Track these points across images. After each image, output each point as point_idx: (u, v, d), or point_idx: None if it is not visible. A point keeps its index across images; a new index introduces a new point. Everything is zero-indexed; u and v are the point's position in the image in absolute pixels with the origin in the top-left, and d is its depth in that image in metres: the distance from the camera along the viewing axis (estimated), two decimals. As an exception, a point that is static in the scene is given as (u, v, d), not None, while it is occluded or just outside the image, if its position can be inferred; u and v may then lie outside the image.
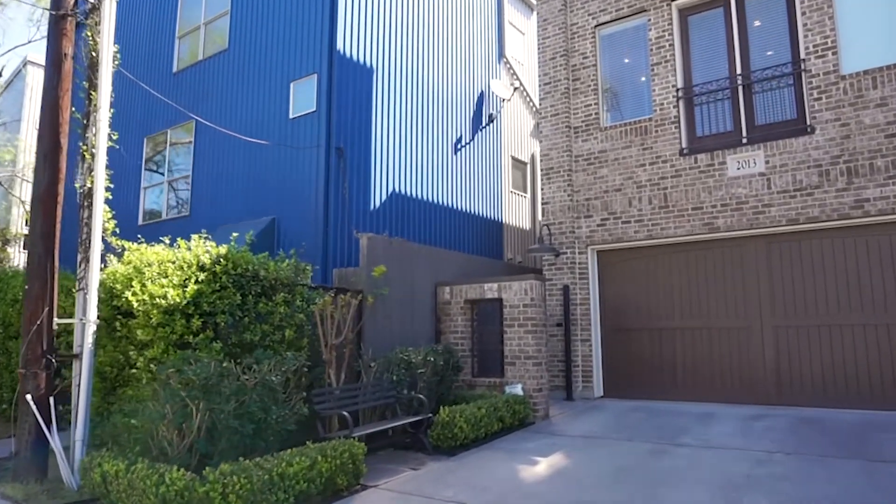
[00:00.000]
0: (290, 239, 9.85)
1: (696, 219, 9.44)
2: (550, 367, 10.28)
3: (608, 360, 10.25)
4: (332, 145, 9.59)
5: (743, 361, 9.05)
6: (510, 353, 8.70)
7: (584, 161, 10.64)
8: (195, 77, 12.27)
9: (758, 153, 9.07)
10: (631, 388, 9.95)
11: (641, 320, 9.97)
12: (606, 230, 10.22)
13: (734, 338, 9.16)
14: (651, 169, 9.95)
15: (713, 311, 9.36)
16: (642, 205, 9.94)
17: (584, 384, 10.14)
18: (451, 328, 9.38)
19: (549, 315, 10.42)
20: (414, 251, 9.27)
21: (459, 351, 9.20)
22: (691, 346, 9.50)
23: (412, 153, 11.22)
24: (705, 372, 9.34)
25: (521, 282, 8.71)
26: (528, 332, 8.56)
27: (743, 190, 9.10)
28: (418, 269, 9.29)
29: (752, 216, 8.99)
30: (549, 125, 10.98)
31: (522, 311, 8.65)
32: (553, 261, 10.54)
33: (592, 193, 10.46)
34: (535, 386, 8.43)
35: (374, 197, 10.27)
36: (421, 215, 11.27)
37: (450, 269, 9.97)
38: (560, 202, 10.64)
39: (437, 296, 9.57)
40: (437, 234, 11.61)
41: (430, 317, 9.42)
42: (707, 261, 9.51)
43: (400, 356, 7.61)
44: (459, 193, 12.35)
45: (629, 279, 10.18)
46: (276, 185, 10.28)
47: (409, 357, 7.60)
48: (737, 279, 9.22)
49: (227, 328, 6.33)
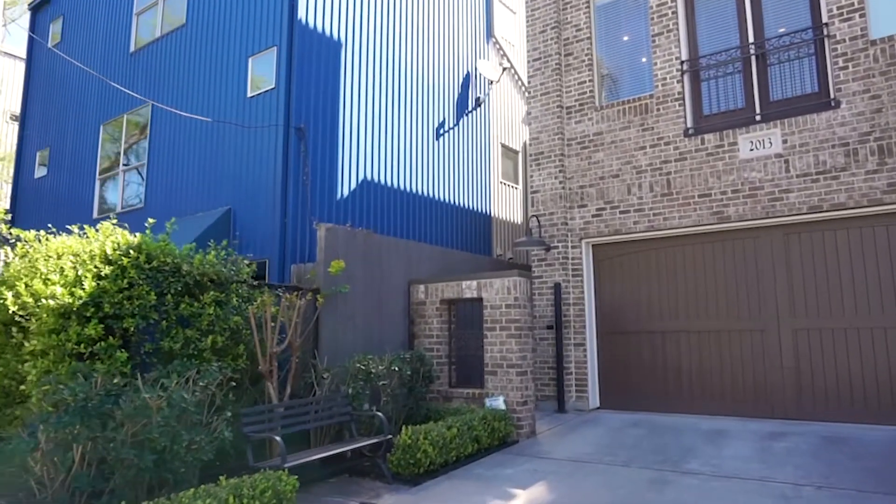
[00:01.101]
0: (247, 231, 8.79)
1: (703, 207, 8.32)
2: (540, 374, 9.19)
3: (605, 367, 9.15)
4: (292, 125, 8.50)
5: (758, 369, 7.94)
6: (491, 361, 7.60)
7: (577, 144, 9.53)
8: (153, 57, 11.20)
9: (774, 132, 7.95)
10: (630, 398, 8.84)
11: (642, 322, 8.86)
12: (602, 221, 9.11)
13: (747, 342, 8.04)
14: (652, 152, 8.84)
15: (723, 311, 8.24)
16: (642, 192, 8.83)
17: (578, 394, 9.03)
18: (425, 332, 8.28)
19: (539, 316, 9.32)
20: (384, 245, 8.18)
21: (435, 358, 8.10)
22: (698, 351, 8.38)
23: (387, 137, 10.12)
24: (715, 381, 8.23)
25: (504, 279, 7.61)
26: (510, 337, 7.46)
27: (757, 174, 7.99)
28: (389, 265, 8.20)
29: (767, 203, 7.87)
30: (538, 105, 9.87)
31: (504, 313, 7.55)
32: (543, 256, 9.44)
33: (587, 180, 9.36)
34: (519, 398, 7.33)
35: (342, 184, 9.18)
36: (397, 206, 10.18)
37: (428, 266, 8.88)
38: (551, 190, 9.54)
39: (411, 295, 8.48)
40: (416, 227, 10.51)
41: (402, 319, 8.33)
42: (716, 255, 8.39)
43: (357, 366, 6.51)
44: (442, 183, 11.25)
45: (628, 276, 9.07)
46: (232, 172, 9.21)
47: (368, 366, 6.51)
48: (750, 275, 8.10)
49: (140, 334, 5.25)
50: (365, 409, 6.53)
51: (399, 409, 7.11)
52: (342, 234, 7.56)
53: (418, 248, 8.82)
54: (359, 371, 6.46)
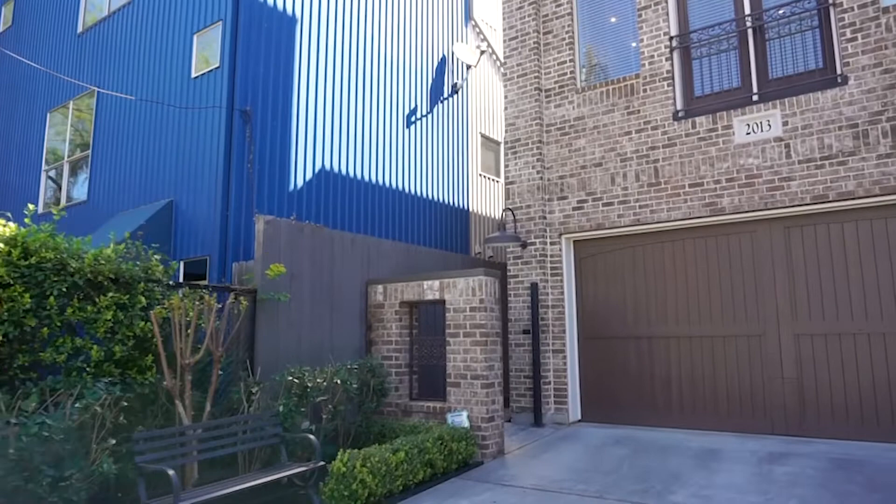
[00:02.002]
0: (189, 226, 7.91)
1: (694, 198, 7.45)
2: (516, 383, 8.31)
3: (587, 376, 8.27)
4: (236, 107, 7.62)
5: (755, 380, 7.06)
6: (454, 371, 6.72)
7: (556, 130, 8.66)
8: (100, 37, 10.32)
9: (773, 113, 7.08)
10: (614, 410, 7.97)
11: (628, 326, 7.99)
12: (584, 214, 8.24)
13: (744, 349, 7.17)
14: (638, 137, 7.97)
15: (717, 315, 7.37)
16: (627, 182, 7.96)
17: (557, 406, 8.15)
18: (383, 338, 7.40)
19: (515, 320, 8.45)
20: (338, 240, 7.30)
21: (393, 367, 7.23)
22: (689, 358, 7.51)
23: (350, 124, 9.25)
24: (708, 392, 7.35)
25: (468, 279, 6.73)
26: (475, 344, 6.59)
27: (754, 160, 7.12)
28: (344, 264, 7.32)
29: (766, 193, 7.00)
30: (514, 88, 9.00)
31: (469, 317, 6.67)
32: (519, 253, 8.56)
33: (567, 170, 8.49)
34: (485, 414, 6.45)
35: (296, 174, 8.30)
36: (361, 199, 9.30)
37: (390, 264, 8.01)
38: (528, 181, 8.66)
39: (369, 297, 7.60)
40: (383, 222, 9.64)
41: (358, 323, 7.45)
42: (709, 251, 7.52)
43: (291, 379, 5.63)
44: (414, 175, 10.37)
45: (612, 275, 8.20)
46: (174, 161, 8.33)
47: (304, 379, 5.62)
48: (747, 274, 7.23)
49: (12, 344, 4.37)
50: (304, 429, 5.66)
51: (346, 427, 6.24)
52: (286, 228, 6.68)
53: (379, 244, 7.94)
54: (293, 385, 5.57)
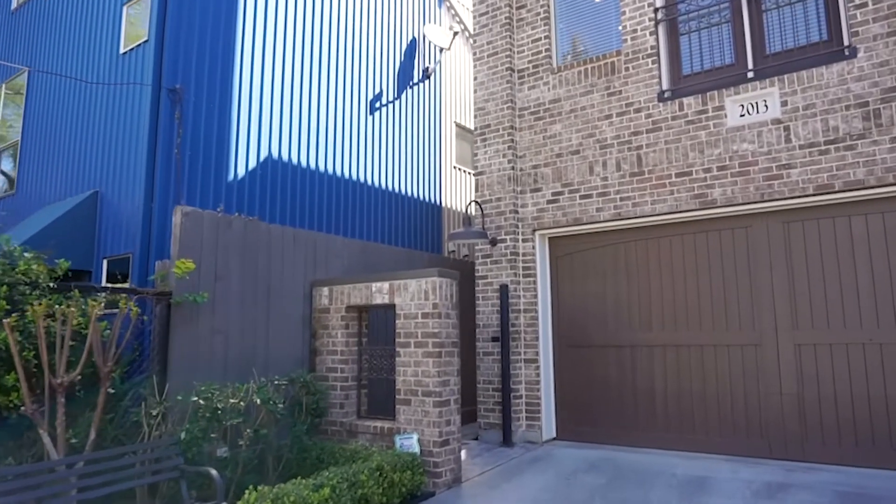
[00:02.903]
0: (114, 220, 7.01)
1: (682, 189, 6.58)
2: (484, 397, 7.43)
3: (562, 389, 7.40)
4: (164, 85, 6.72)
5: (751, 395, 6.20)
6: (404, 387, 5.83)
7: (530, 115, 7.79)
8: (33, 14, 9.41)
9: (770, 92, 6.22)
10: (593, 428, 7.09)
11: (608, 333, 7.11)
12: (560, 208, 7.37)
13: (738, 360, 6.30)
14: (619, 121, 7.10)
15: (708, 321, 6.50)
16: (607, 171, 7.09)
17: (529, 422, 7.27)
18: (328, 347, 6.51)
19: (483, 326, 7.57)
20: (277, 236, 6.41)
21: (339, 381, 6.33)
22: (676, 370, 6.64)
23: (303, 107, 8.36)
24: (697, 408, 6.48)
25: (420, 280, 5.84)
26: (427, 356, 5.70)
27: (749, 145, 6.26)
28: (285, 262, 6.43)
29: (762, 183, 6.14)
30: (485, 69, 8.12)
31: (420, 324, 5.78)
32: (488, 251, 7.68)
33: (542, 158, 7.61)
34: (437, 437, 5.56)
35: (237, 162, 7.41)
36: (316, 192, 8.41)
37: (344, 264, 7.12)
38: (498, 171, 7.78)
39: (314, 300, 6.71)
40: (342, 218, 8.75)
41: (301, 330, 6.56)
42: (699, 249, 6.65)
43: (196, 399, 4.72)
44: (379, 166, 9.48)
45: (591, 276, 7.32)
46: (102, 147, 7.43)
47: (212, 399, 4.72)
48: (742, 275, 6.37)
49: None
50: (219, 456, 4.77)
51: (277, 452, 5.34)
52: (209, 222, 5.78)
53: (329, 241, 7.05)
54: (200, 407, 4.67)
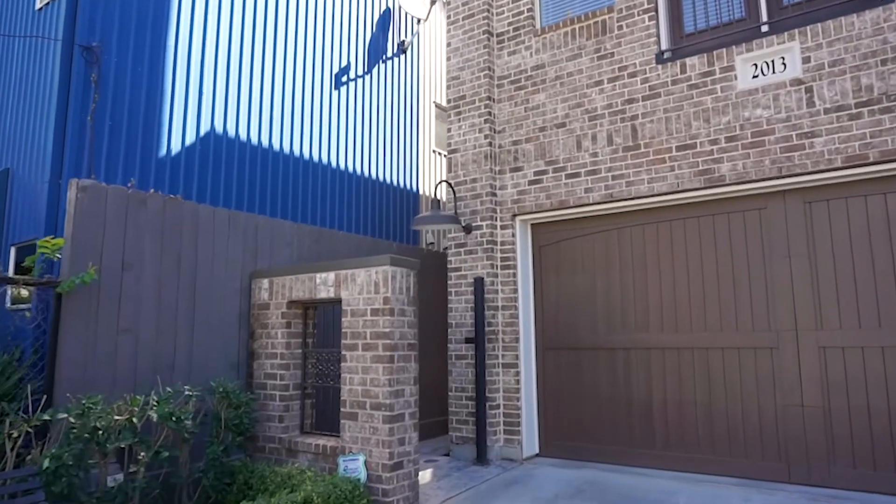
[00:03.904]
0: (25, 200, 6.04)
1: (684, 164, 5.61)
2: (457, 407, 6.46)
3: (546, 398, 6.42)
4: (78, 42, 5.75)
5: (766, 407, 5.21)
6: (350, 398, 4.85)
7: (510, 84, 6.82)
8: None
9: (789, 47, 5.24)
10: (580, 443, 6.12)
11: (599, 334, 6.14)
12: (543, 189, 6.39)
13: (750, 366, 5.32)
14: (611, 88, 6.12)
15: (715, 319, 5.53)
16: (598, 146, 6.11)
17: (507, 436, 6.30)
18: (267, 349, 5.53)
19: (455, 325, 6.60)
20: (206, 218, 5.44)
21: (277, 389, 5.36)
22: (678, 377, 5.67)
23: (254, 77, 7.38)
24: (703, 422, 5.50)
25: (369, 269, 4.87)
26: (377, 360, 4.72)
27: (764, 111, 5.28)
28: (217, 249, 5.47)
29: (779, 155, 5.16)
30: (459, 33, 7.15)
31: (369, 323, 4.81)
32: (462, 239, 6.71)
33: (523, 133, 6.63)
34: (387, 459, 4.58)
35: (171, 136, 6.43)
36: (269, 174, 7.43)
37: (293, 254, 6.17)
38: (474, 148, 6.81)
39: (253, 294, 5.74)
40: (299, 203, 7.78)
41: (237, 329, 5.59)
42: (704, 235, 5.68)
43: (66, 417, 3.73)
44: (344, 148, 8.50)
45: (579, 268, 6.35)
46: (15, 119, 6.45)
47: (89, 416, 3.73)
48: (755, 265, 5.39)
49: None
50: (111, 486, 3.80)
51: (184, 480, 4.36)
52: (115, 199, 4.80)
53: (274, 226, 6.07)
54: (73, 426, 3.69)
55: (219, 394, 4.55)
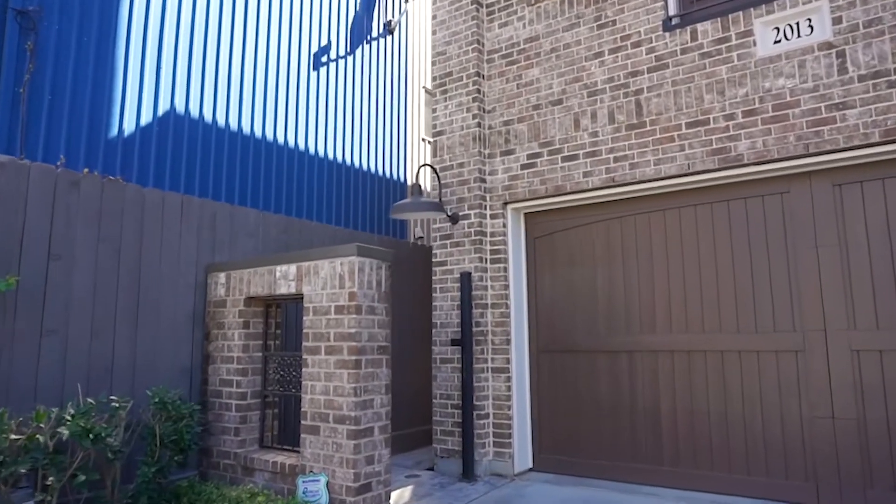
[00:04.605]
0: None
1: (696, 143, 4.95)
2: (442, 415, 5.81)
3: (541, 407, 5.78)
4: (11, 6, 5.11)
5: (790, 419, 4.55)
6: (311, 409, 4.21)
7: (501, 59, 6.17)
8: None
9: (817, 6, 4.58)
10: (579, 458, 5.47)
11: (600, 336, 5.49)
12: (537, 174, 5.74)
13: (772, 372, 4.66)
14: (613, 60, 5.47)
15: (731, 319, 4.87)
16: (598, 124, 5.46)
17: (497, 449, 5.64)
18: (223, 352, 4.88)
19: (441, 325, 5.95)
20: (155, 203, 4.80)
21: (233, 398, 4.71)
22: (689, 384, 5.01)
23: (220, 52, 6.74)
24: (717, 435, 4.85)
25: (334, 261, 4.22)
26: (342, 366, 4.07)
27: (788, 80, 4.62)
28: (168, 239, 4.84)
29: (806, 130, 4.51)
30: (445, 4, 6.50)
31: (334, 321, 4.16)
32: (447, 230, 6.06)
33: (515, 112, 5.99)
34: (352, 480, 3.94)
35: (123, 114, 5.79)
36: (237, 159, 6.79)
37: (258, 245, 5.55)
38: (461, 130, 6.16)
39: (209, 290, 5.09)
40: (273, 192, 7.13)
41: (190, 330, 4.95)
42: (718, 223, 5.02)
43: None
44: (325, 133, 7.86)
45: (578, 261, 5.70)
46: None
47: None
48: (777, 257, 4.73)
49: None
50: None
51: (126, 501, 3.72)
52: (40, 178, 4.16)
53: (236, 214, 5.43)
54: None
55: (154, 404, 3.90)
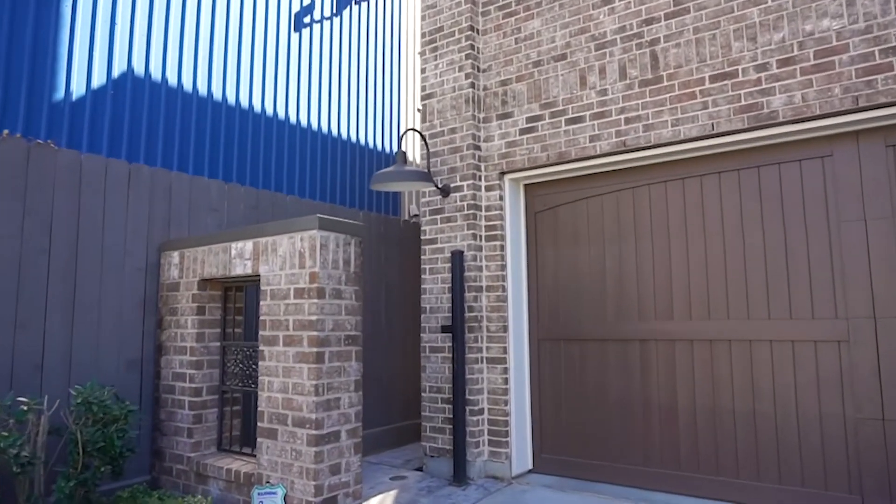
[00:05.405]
0: None
1: (721, 99, 4.24)
2: (432, 410, 5.21)
3: (542, 402, 5.15)
4: (-68, -51, 4.47)
5: (831, 420, 3.89)
6: (269, 409, 3.60)
7: (498, 11, 5.45)
8: None
9: (869, -66, 3.84)
10: (585, 458, 4.85)
11: (609, 323, 4.83)
12: (538, 139, 5.05)
13: (809, 364, 3.99)
14: (625, 7, 4.75)
15: (761, 304, 4.19)
16: (607, 81, 4.76)
17: (493, 448, 5.04)
18: (177, 341, 4.28)
19: (430, 310, 5.32)
20: (96, 171, 4.19)
21: (186, 394, 4.12)
22: (711, 378, 4.35)
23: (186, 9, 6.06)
24: (744, 438, 4.20)
25: (293, 236, 3.58)
26: (302, 359, 3.45)
27: (833, 21, 3.89)
28: (113, 214, 4.24)
29: (854, 80, 3.78)
30: (436, -51, 5.79)
31: (293, 308, 3.54)
32: (438, 204, 5.41)
33: (513, 70, 5.29)
34: (313, 494, 3.33)
35: (70, 75, 5.15)
36: (207, 128, 6.14)
37: (222, 221, 4.94)
38: (453, 91, 5.47)
39: (161, 271, 4.48)
40: (248, 165, 6.49)
41: (139, 317, 4.35)
42: (747, 194, 4.32)
43: None
44: (307, 101, 7.19)
45: (584, 238, 5.03)
46: None
47: None
48: (817, 233, 4.04)
49: None
50: None
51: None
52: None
53: (196, 185, 4.80)
54: None
55: (76, 405, 3.31)
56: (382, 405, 6.09)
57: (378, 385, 6.04)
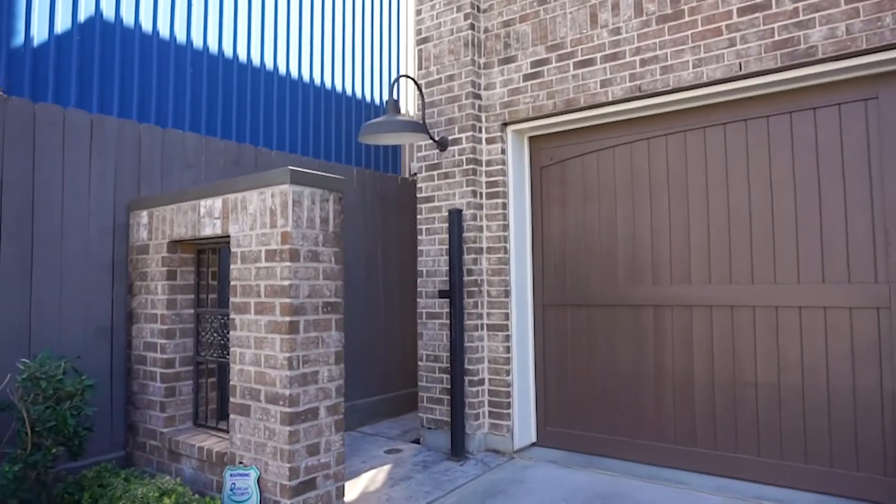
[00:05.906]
0: None
1: (750, 35, 3.73)
2: (429, 381, 4.88)
3: (546, 371, 4.79)
4: None
5: (867, 394, 3.50)
6: (241, 382, 3.26)
7: (500, -59, 4.91)
8: None
9: None
10: (592, 432, 4.51)
11: (620, 287, 4.43)
12: (544, 86, 4.57)
13: (844, 333, 3.58)
14: (643, -69, 4.20)
15: (790, 266, 3.76)
16: (621, 19, 4.24)
17: (493, 421, 4.71)
18: (147, 308, 3.94)
19: (426, 274, 4.94)
20: (49, 123, 3.79)
21: (158, 364, 3.79)
22: (731, 347, 3.96)
23: (162, -52, 5.55)
24: (766, 413, 3.82)
25: (263, 191, 3.18)
26: (274, 329, 3.09)
27: (885, -60, 3.35)
28: (67, 170, 3.85)
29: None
30: None
31: (264, 272, 3.16)
32: (434, 159, 4.97)
33: (517, 9, 4.77)
34: (287, 477, 3.01)
35: (30, 18, 4.71)
36: (189, 80, 5.69)
37: (201, 178, 4.54)
38: (451, 34, 4.97)
39: (130, 232, 4.12)
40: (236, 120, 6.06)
41: (106, 282, 4.00)
42: (776, 146, 3.85)
43: None
44: (300, 51, 6.69)
45: (594, 194, 4.59)
46: None
47: None
48: (857, 187, 3.58)
49: None
50: None
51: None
52: None
53: (167, 138, 4.39)
54: None
55: (22, 381, 2.98)
56: (380, 373, 5.78)
57: (375, 353, 5.72)
